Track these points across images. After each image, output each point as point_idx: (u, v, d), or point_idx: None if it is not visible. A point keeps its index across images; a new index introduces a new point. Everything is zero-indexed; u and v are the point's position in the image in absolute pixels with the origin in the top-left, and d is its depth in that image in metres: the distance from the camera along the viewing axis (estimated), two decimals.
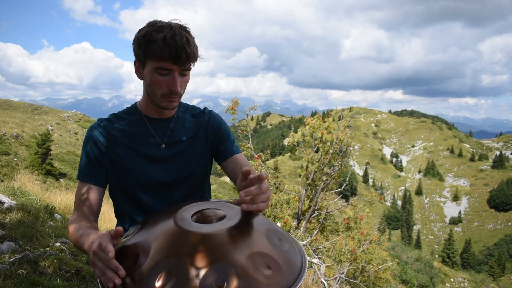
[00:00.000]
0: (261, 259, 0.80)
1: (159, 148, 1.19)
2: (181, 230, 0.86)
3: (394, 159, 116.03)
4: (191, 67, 1.09)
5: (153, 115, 1.21)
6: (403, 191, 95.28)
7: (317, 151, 7.54)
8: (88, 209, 1.14)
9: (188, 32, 1.06)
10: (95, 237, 0.91)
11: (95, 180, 1.15)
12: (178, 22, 1.07)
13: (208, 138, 1.28)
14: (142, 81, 1.15)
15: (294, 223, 7.35)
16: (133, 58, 1.14)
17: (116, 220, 1.31)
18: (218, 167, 1.67)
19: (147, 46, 1.03)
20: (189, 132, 1.25)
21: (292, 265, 0.84)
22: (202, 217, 0.94)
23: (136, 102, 1.26)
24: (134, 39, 1.09)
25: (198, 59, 1.09)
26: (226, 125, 1.35)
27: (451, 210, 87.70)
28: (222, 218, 0.93)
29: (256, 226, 0.93)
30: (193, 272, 0.75)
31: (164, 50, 1.01)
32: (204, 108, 1.34)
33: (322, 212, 7.52)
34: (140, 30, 1.07)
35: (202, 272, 0.75)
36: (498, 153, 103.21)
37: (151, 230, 0.92)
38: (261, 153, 6.98)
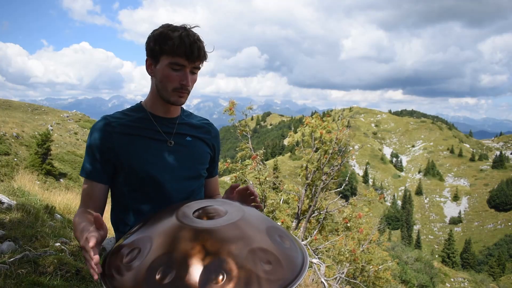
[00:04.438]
0: (262, 254, 0.82)
1: (167, 145, 1.21)
2: (182, 225, 0.88)
3: (394, 159, 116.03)
4: (201, 66, 1.18)
5: (159, 113, 1.23)
6: (403, 191, 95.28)
7: (316, 151, 7.54)
8: (93, 205, 1.17)
9: (199, 35, 1.16)
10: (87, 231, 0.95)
11: (100, 177, 1.17)
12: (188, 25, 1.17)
13: (211, 148, 1.35)
14: (152, 77, 1.20)
15: (293, 224, 7.35)
16: (133, 59, 1.21)
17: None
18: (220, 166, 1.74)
19: (164, 42, 1.11)
20: (194, 133, 1.28)
21: (293, 262, 0.86)
22: (203, 214, 0.97)
23: (141, 101, 1.28)
24: (149, 37, 1.15)
25: (207, 59, 1.19)
26: None
27: (451, 210, 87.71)
28: (223, 214, 0.95)
29: (258, 223, 0.95)
30: (193, 266, 0.77)
31: (180, 46, 1.09)
32: (207, 119, 1.40)
33: (322, 212, 7.52)
34: (155, 30, 1.15)
35: (202, 266, 0.77)
36: (498, 153, 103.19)
37: (153, 226, 0.95)
38: (257, 153, 6.95)
